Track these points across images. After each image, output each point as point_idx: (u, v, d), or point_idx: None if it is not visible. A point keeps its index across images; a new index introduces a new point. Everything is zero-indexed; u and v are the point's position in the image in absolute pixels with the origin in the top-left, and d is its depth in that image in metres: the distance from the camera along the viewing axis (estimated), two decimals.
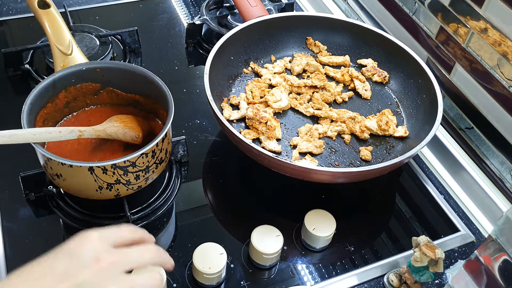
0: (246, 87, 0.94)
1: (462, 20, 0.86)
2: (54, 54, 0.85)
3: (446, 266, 0.77)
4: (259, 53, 1.01)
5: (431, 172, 0.92)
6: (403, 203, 0.87)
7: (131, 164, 0.70)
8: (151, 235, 0.58)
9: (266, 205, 0.85)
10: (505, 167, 0.84)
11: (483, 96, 0.85)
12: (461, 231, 0.83)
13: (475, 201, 0.87)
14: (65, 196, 0.79)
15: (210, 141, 0.93)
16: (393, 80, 0.99)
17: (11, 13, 1.15)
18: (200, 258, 0.69)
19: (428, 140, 0.79)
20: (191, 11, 1.21)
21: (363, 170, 0.77)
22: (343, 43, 1.04)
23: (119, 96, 0.84)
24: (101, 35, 1.03)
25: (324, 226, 0.76)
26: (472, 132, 0.90)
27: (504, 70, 0.80)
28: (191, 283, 0.72)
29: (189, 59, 1.09)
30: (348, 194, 0.88)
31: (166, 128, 0.72)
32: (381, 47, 1.00)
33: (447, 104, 0.94)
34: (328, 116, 0.90)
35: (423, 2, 0.94)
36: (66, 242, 0.51)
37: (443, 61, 0.93)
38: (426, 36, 0.96)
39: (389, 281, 0.73)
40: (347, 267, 0.76)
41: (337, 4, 1.21)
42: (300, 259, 0.77)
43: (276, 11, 1.13)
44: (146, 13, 1.19)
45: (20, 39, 1.08)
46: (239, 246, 0.77)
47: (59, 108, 0.81)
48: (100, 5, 1.19)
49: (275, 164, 0.76)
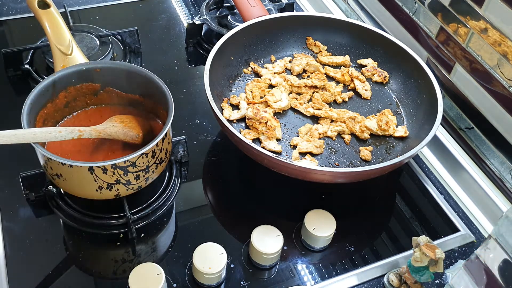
0: (246, 87, 0.95)
1: (462, 20, 0.86)
2: (54, 54, 0.85)
3: (446, 266, 0.77)
4: (259, 53, 1.01)
5: (431, 172, 0.92)
6: (403, 203, 0.87)
7: (131, 164, 0.70)
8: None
9: (266, 205, 0.85)
10: (505, 167, 0.84)
11: (483, 96, 0.85)
12: (461, 231, 0.83)
13: (475, 201, 0.87)
14: (65, 196, 0.79)
15: (210, 141, 0.93)
16: (393, 80, 0.99)
17: (11, 13, 1.15)
18: (200, 258, 0.69)
19: (428, 140, 0.79)
20: (191, 11, 1.21)
21: (363, 170, 0.77)
22: (343, 43, 1.04)
23: (119, 96, 0.84)
24: (101, 35, 1.03)
25: (324, 226, 0.76)
26: (472, 132, 0.90)
27: (504, 70, 0.80)
28: (191, 283, 0.72)
29: (189, 59, 1.09)
30: (348, 194, 0.88)
31: (166, 128, 0.72)
32: (381, 47, 1.00)
33: (447, 104, 0.94)
34: (328, 116, 0.90)
35: (423, 2, 0.94)
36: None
37: (443, 61, 0.93)
38: (426, 36, 0.96)
39: (389, 281, 0.73)
40: (347, 267, 0.76)
41: (337, 4, 1.21)
42: (300, 259, 0.77)
43: (276, 11, 1.13)
44: (146, 13, 1.19)
45: (20, 39, 1.08)
46: (239, 246, 0.77)
47: (59, 108, 0.81)
48: (100, 5, 1.19)
49: (275, 164, 0.76)
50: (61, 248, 0.76)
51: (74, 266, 0.74)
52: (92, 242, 0.77)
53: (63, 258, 0.75)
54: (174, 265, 0.74)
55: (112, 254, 0.76)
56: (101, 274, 0.73)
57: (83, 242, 0.77)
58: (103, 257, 0.77)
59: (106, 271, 0.74)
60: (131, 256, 0.75)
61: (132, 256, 0.75)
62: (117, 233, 0.77)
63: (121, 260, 0.75)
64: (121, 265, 0.74)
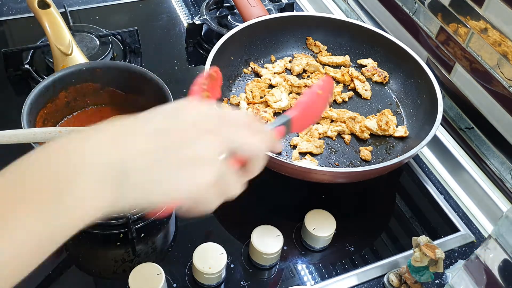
0: (246, 87, 0.94)
1: (462, 20, 0.86)
2: (54, 54, 0.85)
3: (446, 266, 0.77)
4: (259, 53, 1.01)
5: (431, 172, 0.92)
6: (403, 203, 0.87)
7: None
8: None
9: (266, 205, 0.85)
10: (505, 167, 0.84)
11: (483, 96, 0.85)
12: (461, 231, 0.83)
13: (475, 201, 0.87)
14: None
15: None
16: (393, 80, 0.99)
17: (11, 13, 1.15)
18: (200, 258, 0.69)
19: (428, 140, 0.79)
20: (191, 11, 1.21)
21: (363, 170, 0.77)
22: (343, 43, 1.04)
23: (119, 96, 0.84)
24: (101, 35, 1.03)
25: (324, 226, 0.76)
26: (472, 132, 0.90)
27: (504, 70, 0.80)
28: (191, 283, 0.72)
29: (189, 59, 1.09)
30: (348, 194, 0.88)
31: None
32: (381, 47, 1.00)
33: (447, 104, 0.94)
34: (328, 116, 0.90)
35: (423, 2, 0.94)
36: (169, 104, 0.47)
37: (443, 61, 0.93)
38: (426, 36, 0.96)
39: (389, 281, 0.73)
40: (347, 267, 0.76)
41: (337, 4, 1.21)
42: (300, 259, 0.77)
43: (276, 11, 1.13)
44: (146, 13, 1.19)
45: (20, 39, 1.08)
46: (239, 246, 0.77)
47: (59, 108, 0.81)
48: (100, 5, 1.19)
49: (275, 164, 0.76)
50: (61, 248, 0.76)
51: (74, 266, 0.74)
52: (92, 242, 0.77)
53: (63, 258, 0.75)
54: (174, 265, 0.74)
55: (112, 254, 0.76)
56: (101, 274, 0.73)
57: (83, 242, 0.77)
58: (103, 257, 0.77)
59: (106, 271, 0.74)
60: (131, 256, 0.75)
61: (132, 256, 0.75)
62: (117, 233, 0.77)
63: (121, 260, 0.75)
64: (121, 265, 0.74)
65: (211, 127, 0.44)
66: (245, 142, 0.45)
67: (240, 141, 0.45)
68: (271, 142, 0.49)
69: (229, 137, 0.44)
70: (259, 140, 0.46)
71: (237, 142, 0.45)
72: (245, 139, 0.45)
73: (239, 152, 0.45)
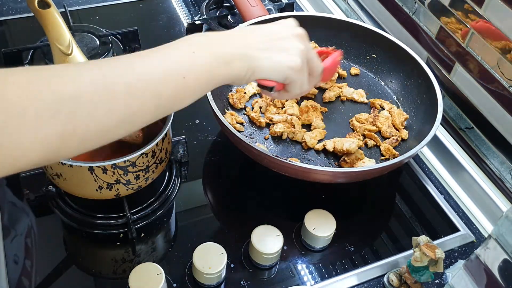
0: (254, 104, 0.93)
1: (462, 20, 0.86)
2: (54, 54, 0.85)
3: (446, 266, 0.77)
4: None
5: (431, 172, 0.92)
6: (403, 203, 0.87)
7: (131, 164, 0.70)
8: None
9: (266, 205, 0.85)
10: (505, 167, 0.84)
11: (483, 96, 0.85)
12: (461, 231, 0.83)
13: (475, 201, 0.87)
14: (65, 196, 0.79)
15: (210, 141, 0.93)
16: (393, 80, 0.99)
17: (11, 13, 1.15)
18: (200, 258, 0.69)
19: (428, 140, 0.79)
20: (191, 11, 1.21)
21: (363, 170, 0.77)
22: (343, 43, 1.04)
23: None
24: (101, 35, 1.03)
25: (324, 226, 0.76)
26: (472, 132, 0.90)
27: (504, 70, 0.80)
28: (191, 283, 0.72)
29: None
30: (348, 194, 0.88)
31: (166, 128, 0.72)
32: (381, 47, 1.00)
33: (447, 104, 0.94)
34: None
35: (423, 2, 0.94)
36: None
37: (443, 61, 0.93)
38: (426, 36, 0.96)
39: (389, 281, 0.73)
40: (347, 267, 0.76)
41: (337, 4, 1.21)
42: (300, 259, 0.77)
43: (276, 11, 1.13)
44: (146, 13, 1.19)
45: (20, 39, 1.08)
46: (239, 246, 0.77)
47: None
48: (100, 5, 1.19)
49: (275, 164, 0.76)
50: (61, 248, 0.76)
51: (74, 266, 0.74)
52: (92, 242, 0.77)
53: (63, 258, 0.75)
54: (174, 265, 0.74)
55: (112, 254, 0.76)
56: (101, 274, 0.73)
57: (83, 242, 0.77)
58: (103, 257, 0.77)
59: (106, 271, 0.74)
60: (131, 256, 0.75)
61: (132, 256, 0.75)
62: (117, 233, 0.77)
63: (121, 260, 0.75)
64: (121, 265, 0.74)
65: (297, 35, 0.64)
66: (315, 57, 0.67)
67: (312, 55, 0.66)
68: (322, 71, 0.70)
69: (308, 47, 0.64)
70: (319, 63, 0.69)
71: (311, 53, 0.65)
72: (315, 56, 0.67)
73: (309, 62, 0.65)
